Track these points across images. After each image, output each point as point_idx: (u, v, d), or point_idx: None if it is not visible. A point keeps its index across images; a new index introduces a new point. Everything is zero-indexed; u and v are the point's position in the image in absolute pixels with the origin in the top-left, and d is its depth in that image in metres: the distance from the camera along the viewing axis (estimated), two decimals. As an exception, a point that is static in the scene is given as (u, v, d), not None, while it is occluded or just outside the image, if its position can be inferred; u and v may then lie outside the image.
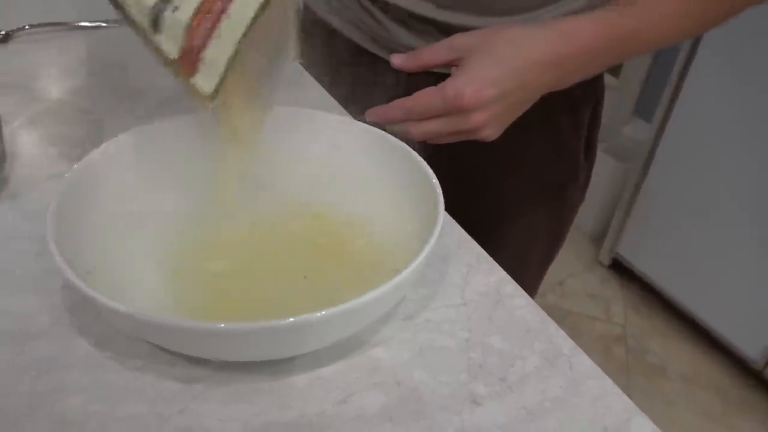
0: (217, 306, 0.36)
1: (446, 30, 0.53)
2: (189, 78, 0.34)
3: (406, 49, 0.55)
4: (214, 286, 0.37)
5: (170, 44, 0.34)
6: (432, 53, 0.46)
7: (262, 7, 0.33)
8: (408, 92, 0.45)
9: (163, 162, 0.40)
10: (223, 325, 0.28)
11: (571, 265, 1.58)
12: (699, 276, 1.35)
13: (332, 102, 0.56)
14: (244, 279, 0.37)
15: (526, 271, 0.69)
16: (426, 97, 0.44)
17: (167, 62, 0.34)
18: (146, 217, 0.39)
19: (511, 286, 0.39)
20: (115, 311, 0.28)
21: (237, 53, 0.33)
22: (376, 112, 0.46)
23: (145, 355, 0.33)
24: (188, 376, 0.32)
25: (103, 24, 0.62)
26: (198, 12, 0.33)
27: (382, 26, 0.57)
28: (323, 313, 0.28)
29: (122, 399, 0.31)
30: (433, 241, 0.33)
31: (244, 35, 0.33)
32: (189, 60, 0.34)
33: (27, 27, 0.60)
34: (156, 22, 0.33)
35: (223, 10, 0.33)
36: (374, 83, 0.57)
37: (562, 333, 0.36)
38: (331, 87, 0.58)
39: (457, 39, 0.45)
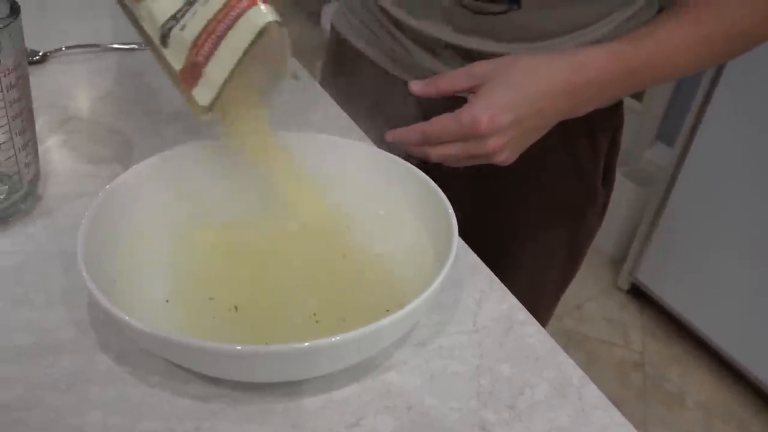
0: (226, 332, 0.36)
1: (468, 56, 0.54)
2: (189, 90, 0.37)
3: (427, 72, 0.56)
4: (224, 314, 0.37)
5: (175, 59, 0.37)
6: (450, 80, 0.47)
7: (260, 34, 0.36)
8: (428, 113, 0.46)
9: (189, 185, 0.42)
10: (239, 348, 0.29)
11: (589, 289, 1.56)
12: (720, 304, 1.32)
13: (350, 122, 0.57)
14: (257, 307, 0.38)
15: (542, 293, 0.69)
16: (442, 122, 0.45)
17: (171, 74, 0.37)
18: (169, 240, 0.40)
19: (522, 314, 0.40)
20: (134, 329, 0.30)
21: (234, 72, 0.36)
22: (395, 134, 0.47)
23: (163, 372, 0.34)
24: (203, 394, 0.33)
25: (136, 46, 0.65)
26: (203, 32, 0.36)
27: (403, 48, 0.58)
28: (337, 338, 0.29)
29: (139, 414, 0.32)
30: (446, 270, 0.34)
31: (242, 56, 0.36)
32: (191, 74, 0.37)
33: (63, 48, 0.63)
34: (165, 38, 0.37)
35: (225, 33, 0.36)
36: (394, 104, 0.58)
37: (572, 362, 0.36)
38: (351, 107, 0.59)
39: (477, 66, 0.46)
